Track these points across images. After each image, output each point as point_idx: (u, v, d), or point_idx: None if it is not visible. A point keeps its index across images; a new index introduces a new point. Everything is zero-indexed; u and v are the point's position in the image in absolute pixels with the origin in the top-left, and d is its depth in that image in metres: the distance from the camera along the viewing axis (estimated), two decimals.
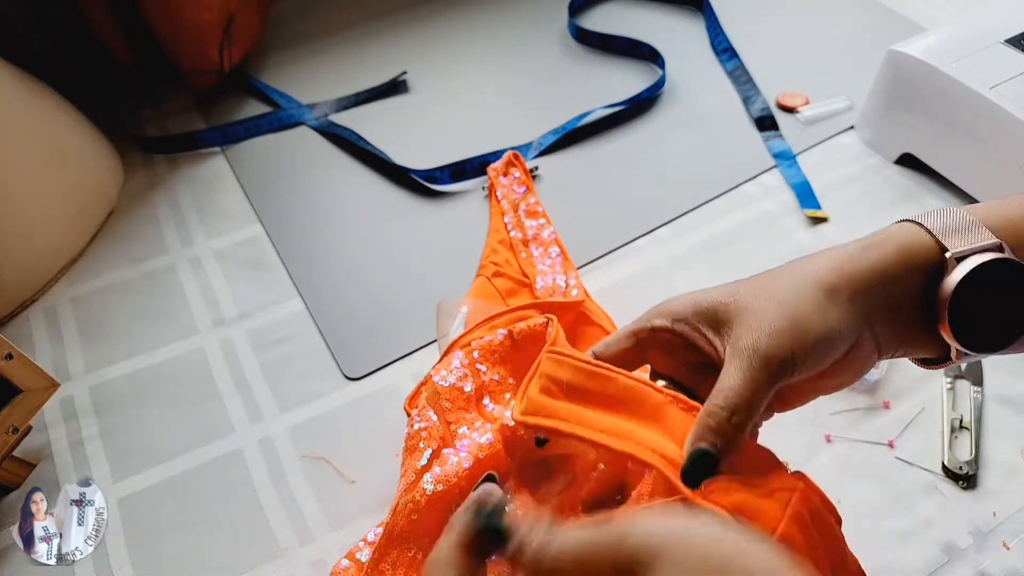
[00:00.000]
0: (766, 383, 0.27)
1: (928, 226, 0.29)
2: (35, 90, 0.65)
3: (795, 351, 0.27)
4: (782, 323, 0.27)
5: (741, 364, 0.27)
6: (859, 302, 0.28)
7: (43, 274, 0.64)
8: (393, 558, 0.43)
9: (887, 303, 0.29)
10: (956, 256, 0.28)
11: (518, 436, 0.46)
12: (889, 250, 0.29)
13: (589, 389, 0.31)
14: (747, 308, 0.28)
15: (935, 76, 0.64)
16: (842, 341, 0.28)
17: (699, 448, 0.27)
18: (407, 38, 0.89)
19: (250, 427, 0.55)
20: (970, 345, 0.28)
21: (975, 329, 0.28)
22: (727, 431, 0.26)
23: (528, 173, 0.70)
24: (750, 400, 0.27)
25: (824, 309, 0.28)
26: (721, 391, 0.27)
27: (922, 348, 0.30)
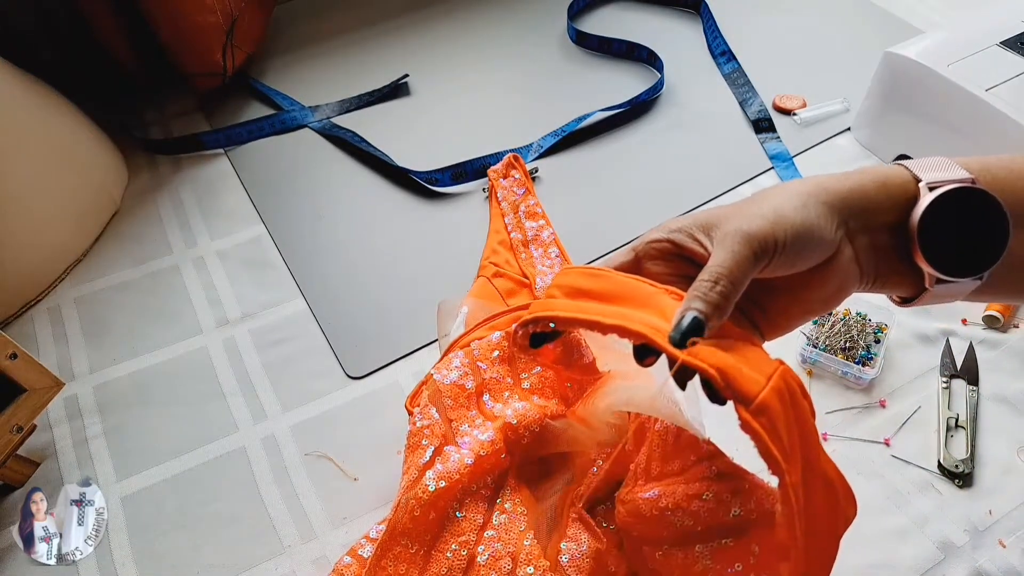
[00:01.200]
0: (748, 256, 0.29)
1: (907, 165, 0.31)
2: (40, 92, 0.65)
3: (776, 232, 0.29)
4: (764, 210, 0.29)
5: (726, 244, 0.29)
6: (838, 210, 0.30)
7: (47, 274, 0.64)
8: (395, 554, 0.43)
9: (865, 220, 0.30)
10: (929, 185, 0.30)
11: (519, 434, 0.46)
12: (868, 177, 0.31)
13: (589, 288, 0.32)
14: (736, 210, 0.31)
15: (931, 78, 0.65)
16: (821, 238, 0.29)
17: (686, 311, 0.29)
18: (409, 41, 0.90)
19: (253, 426, 0.55)
20: (942, 268, 0.30)
21: (947, 256, 0.30)
22: (711, 298, 0.28)
23: (528, 175, 0.71)
24: (733, 270, 0.28)
25: (804, 206, 0.29)
26: (707, 268, 0.29)
27: (900, 280, 0.32)
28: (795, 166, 0.73)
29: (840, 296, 0.32)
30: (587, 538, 0.43)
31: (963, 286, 0.31)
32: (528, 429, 0.46)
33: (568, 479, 0.47)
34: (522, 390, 0.49)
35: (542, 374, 0.50)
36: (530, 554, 0.43)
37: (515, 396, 0.49)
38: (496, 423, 0.46)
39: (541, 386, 0.49)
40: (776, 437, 0.27)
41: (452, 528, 0.44)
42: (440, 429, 0.47)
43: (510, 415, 0.46)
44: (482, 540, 0.44)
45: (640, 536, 0.41)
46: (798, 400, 0.29)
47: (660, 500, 0.38)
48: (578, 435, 0.46)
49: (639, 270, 0.33)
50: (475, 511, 0.45)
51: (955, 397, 0.54)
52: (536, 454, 0.47)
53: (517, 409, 0.47)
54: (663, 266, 0.33)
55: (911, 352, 0.57)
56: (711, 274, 0.29)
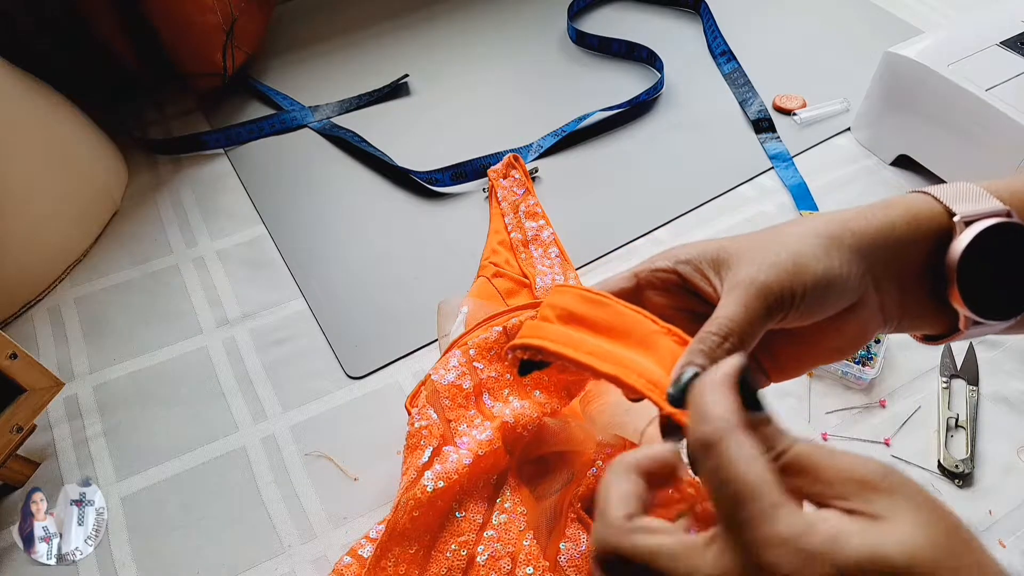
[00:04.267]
0: (762, 312, 0.26)
1: (936, 195, 0.28)
2: (40, 92, 0.65)
3: (794, 285, 0.26)
4: (783, 258, 0.27)
5: (738, 294, 0.27)
6: (864, 255, 0.27)
7: (47, 274, 0.64)
8: (395, 555, 0.43)
9: (893, 264, 0.28)
10: (965, 220, 0.27)
11: (517, 433, 0.46)
12: (896, 212, 0.28)
13: (584, 315, 0.30)
14: (749, 249, 0.28)
15: (931, 78, 0.65)
16: (844, 288, 0.27)
17: (688, 369, 0.26)
18: (409, 41, 0.90)
19: (253, 426, 0.55)
20: (979, 311, 0.27)
21: (984, 295, 0.27)
22: (719, 356, 0.26)
23: (528, 175, 0.71)
24: (743, 327, 0.26)
25: (827, 252, 0.27)
26: (716, 319, 0.26)
27: (928, 320, 0.29)
28: (795, 166, 0.73)
29: (859, 344, 0.29)
30: (586, 538, 0.43)
31: (997, 326, 0.28)
32: (526, 428, 0.46)
33: (567, 479, 0.47)
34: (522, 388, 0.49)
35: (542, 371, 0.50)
36: (529, 554, 0.43)
37: (514, 395, 0.49)
38: (495, 423, 0.46)
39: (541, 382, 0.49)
40: None
41: (451, 528, 0.44)
42: (439, 429, 0.47)
43: (508, 414, 0.46)
44: (481, 540, 0.44)
45: None
46: None
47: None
48: (576, 433, 0.46)
49: (640, 298, 0.31)
50: (474, 511, 0.45)
51: (955, 397, 0.54)
52: (535, 453, 0.47)
53: (515, 408, 0.47)
54: (665, 297, 0.30)
55: (911, 352, 0.57)
56: (720, 328, 0.26)
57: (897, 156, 0.71)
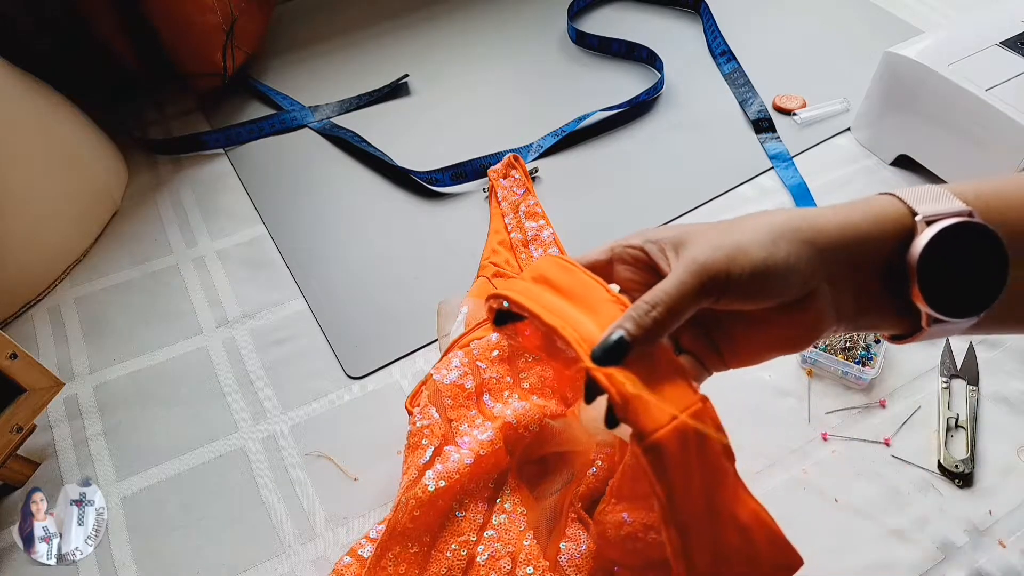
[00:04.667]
0: (695, 287, 0.28)
1: (900, 196, 0.29)
2: (39, 92, 0.65)
3: (731, 268, 0.28)
4: (726, 242, 0.28)
5: (677, 270, 0.28)
6: (820, 250, 0.28)
7: (47, 274, 0.64)
8: (395, 554, 0.43)
9: (851, 261, 0.29)
10: (927, 219, 0.28)
11: (519, 434, 0.46)
12: (859, 211, 0.29)
13: (552, 278, 0.32)
14: (704, 233, 0.30)
15: (931, 78, 0.65)
16: (787, 278, 0.28)
17: (616, 331, 0.28)
18: (409, 41, 0.90)
19: (253, 426, 0.55)
20: (940, 309, 0.28)
21: (945, 294, 0.28)
22: (644, 322, 0.28)
23: (528, 175, 0.71)
24: (673, 298, 0.28)
25: (773, 242, 0.28)
26: (652, 290, 0.28)
27: (889, 320, 0.30)
28: (795, 166, 0.73)
29: (810, 337, 0.30)
30: (586, 538, 0.43)
31: (960, 324, 0.29)
32: (527, 428, 0.46)
33: (568, 479, 0.47)
34: (522, 390, 0.50)
35: (541, 374, 0.50)
36: (530, 554, 0.43)
37: (515, 396, 0.49)
38: (496, 423, 0.46)
39: (541, 386, 0.49)
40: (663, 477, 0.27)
41: (452, 528, 0.44)
42: (440, 429, 0.47)
43: (509, 415, 0.47)
44: (482, 540, 0.44)
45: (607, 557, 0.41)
46: (707, 441, 0.28)
47: (623, 527, 0.38)
48: (577, 434, 0.46)
49: (610, 271, 0.33)
50: (475, 511, 0.45)
51: (955, 397, 0.54)
52: (536, 453, 0.48)
53: (516, 409, 0.47)
54: (632, 272, 0.32)
55: (911, 352, 0.57)
56: (651, 297, 0.28)
57: (897, 156, 0.71)
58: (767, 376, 0.56)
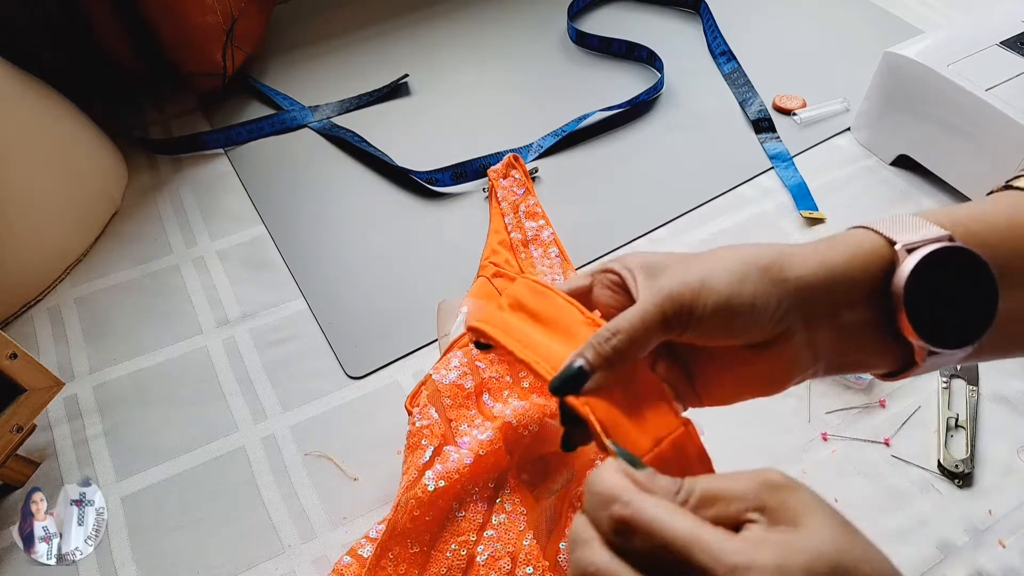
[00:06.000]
0: (656, 318, 0.27)
1: (876, 228, 0.28)
2: (40, 93, 0.65)
3: (695, 303, 0.27)
4: (693, 276, 0.27)
5: (642, 299, 0.28)
6: (793, 291, 0.27)
7: (47, 274, 0.64)
8: (395, 554, 0.43)
9: (829, 301, 0.28)
10: (907, 247, 0.27)
11: (519, 434, 0.46)
12: (836, 250, 0.28)
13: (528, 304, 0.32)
14: (677, 264, 0.29)
15: (931, 78, 0.65)
16: (752, 317, 0.27)
17: (572, 361, 0.27)
18: (409, 41, 0.90)
19: (253, 426, 0.55)
20: (933, 340, 0.27)
21: (936, 324, 0.27)
22: (603, 350, 0.27)
23: (528, 175, 0.71)
24: (635, 327, 0.27)
25: (740, 280, 0.27)
26: (615, 319, 0.28)
27: (878, 357, 0.29)
28: (795, 166, 0.73)
29: (784, 381, 0.29)
30: None
31: (955, 355, 0.27)
32: (527, 428, 0.46)
33: (568, 479, 0.47)
34: (521, 389, 0.50)
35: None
36: (529, 554, 0.43)
37: (515, 395, 0.49)
38: (496, 423, 0.46)
39: (540, 385, 0.49)
40: None
41: (452, 528, 0.44)
42: (440, 429, 0.47)
43: (509, 415, 0.47)
44: (482, 540, 0.44)
45: None
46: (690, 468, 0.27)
47: None
48: None
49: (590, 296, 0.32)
50: (475, 511, 0.45)
51: (955, 397, 0.54)
52: (536, 453, 0.48)
53: (516, 408, 0.47)
54: (610, 297, 0.31)
55: None
56: (614, 325, 0.27)
57: (897, 156, 0.71)
58: None
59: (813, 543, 0.21)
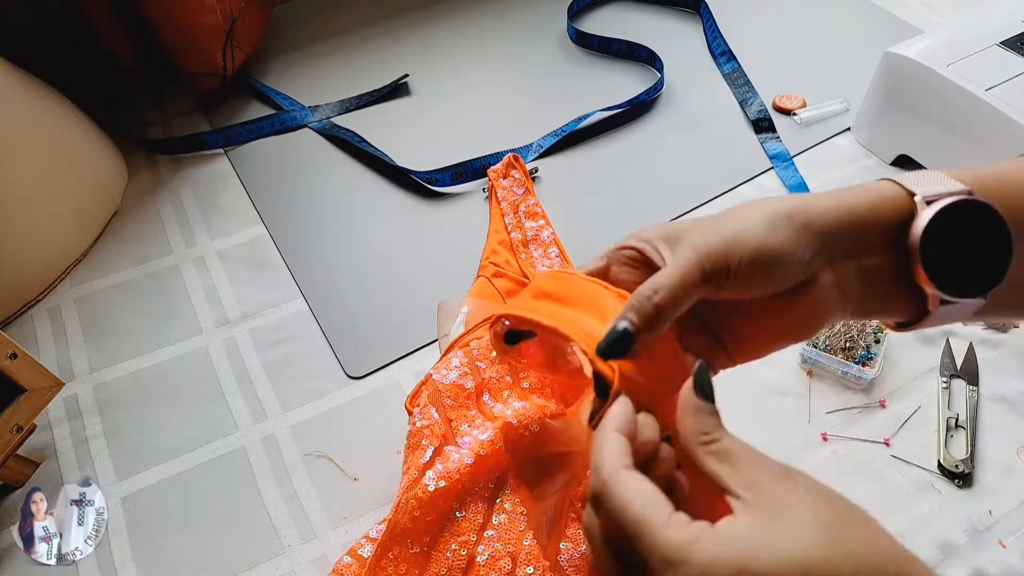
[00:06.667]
0: (696, 274, 0.27)
1: (898, 180, 0.29)
2: (40, 92, 0.65)
3: (731, 255, 0.27)
4: (724, 230, 0.28)
5: (676, 258, 0.28)
6: (818, 234, 0.28)
7: (47, 274, 0.64)
8: (395, 554, 0.43)
9: (852, 244, 0.29)
10: (926, 199, 0.28)
11: (519, 434, 0.46)
12: (856, 195, 0.29)
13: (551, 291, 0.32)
14: (700, 225, 0.29)
15: (931, 78, 0.65)
16: (788, 263, 0.28)
17: (617, 323, 0.27)
18: (409, 41, 0.90)
19: (253, 426, 0.55)
20: (947, 289, 0.28)
21: (950, 274, 0.28)
22: (647, 310, 0.27)
23: (528, 175, 0.71)
24: (675, 285, 0.27)
25: (771, 228, 0.28)
26: (651, 279, 0.28)
27: (895, 305, 0.30)
28: (795, 166, 0.73)
29: (816, 325, 0.30)
30: None
31: (967, 307, 0.28)
32: (528, 428, 0.46)
33: (568, 479, 0.47)
34: (521, 389, 0.50)
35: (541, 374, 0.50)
36: (530, 554, 0.43)
37: (515, 395, 0.49)
38: (496, 423, 0.46)
39: (540, 385, 0.49)
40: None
41: (452, 528, 0.44)
42: (440, 429, 0.47)
43: (510, 415, 0.47)
44: (482, 540, 0.44)
45: None
46: None
47: None
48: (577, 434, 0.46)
49: (607, 276, 0.33)
50: (475, 511, 0.45)
51: (955, 397, 0.54)
52: (536, 453, 0.48)
53: (517, 409, 0.47)
54: (629, 273, 0.32)
55: (911, 352, 0.57)
56: (652, 285, 0.27)
57: (897, 156, 0.71)
58: (767, 376, 0.56)
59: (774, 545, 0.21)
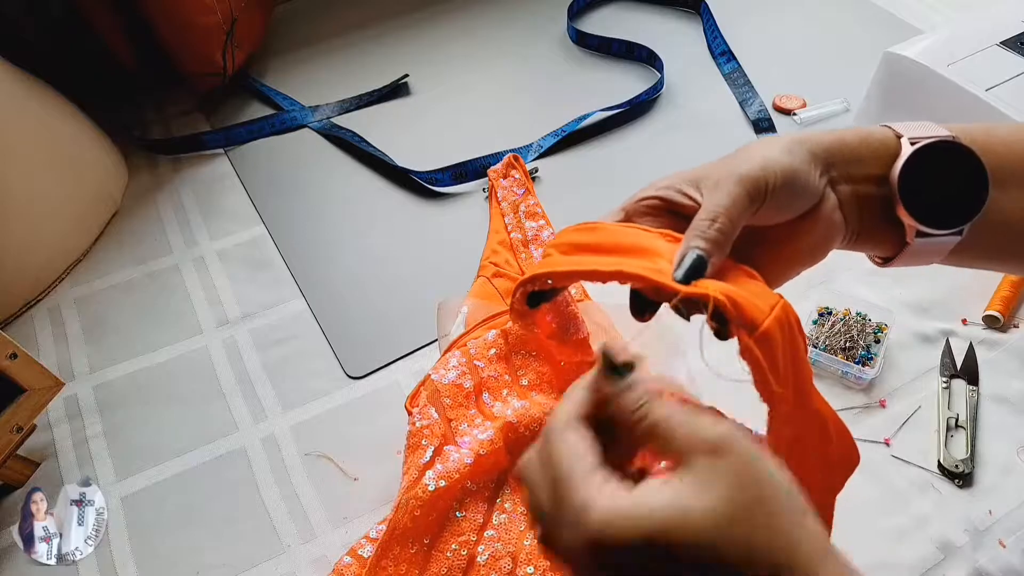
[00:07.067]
0: (744, 197, 0.29)
1: (889, 124, 0.32)
2: (39, 92, 0.65)
3: (767, 176, 0.30)
4: (754, 158, 0.30)
5: (720, 187, 0.30)
6: (821, 158, 0.31)
7: (48, 274, 0.64)
8: (396, 554, 0.43)
9: (848, 170, 0.31)
10: (911, 140, 0.31)
11: (520, 433, 0.46)
12: (848, 132, 0.32)
13: (585, 243, 0.33)
14: (722, 163, 0.32)
15: (931, 78, 0.65)
16: (807, 182, 0.30)
17: (687, 250, 0.29)
18: (409, 41, 0.90)
19: (253, 426, 0.55)
20: (925, 221, 0.30)
21: (929, 210, 0.31)
22: (711, 235, 0.29)
23: (528, 175, 0.71)
24: (729, 208, 0.29)
25: (789, 152, 0.30)
26: (704, 207, 0.30)
27: (880, 237, 0.32)
28: None
29: (824, 248, 0.32)
30: None
31: (943, 242, 0.31)
32: (529, 428, 0.46)
33: None
34: (520, 387, 0.50)
35: (539, 370, 0.50)
36: (530, 554, 0.43)
37: (514, 394, 0.49)
38: (496, 423, 0.46)
39: (539, 382, 0.49)
40: (775, 367, 0.28)
41: (452, 528, 0.44)
42: (439, 429, 0.47)
43: (510, 415, 0.47)
44: (482, 540, 0.44)
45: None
46: (795, 334, 0.29)
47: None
48: None
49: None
50: (475, 511, 0.45)
51: (955, 397, 0.54)
52: None
53: (517, 408, 0.47)
54: (652, 222, 0.33)
55: (911, 352, 0.57)
56: (709, 213, 0.29)
57: None
58: None
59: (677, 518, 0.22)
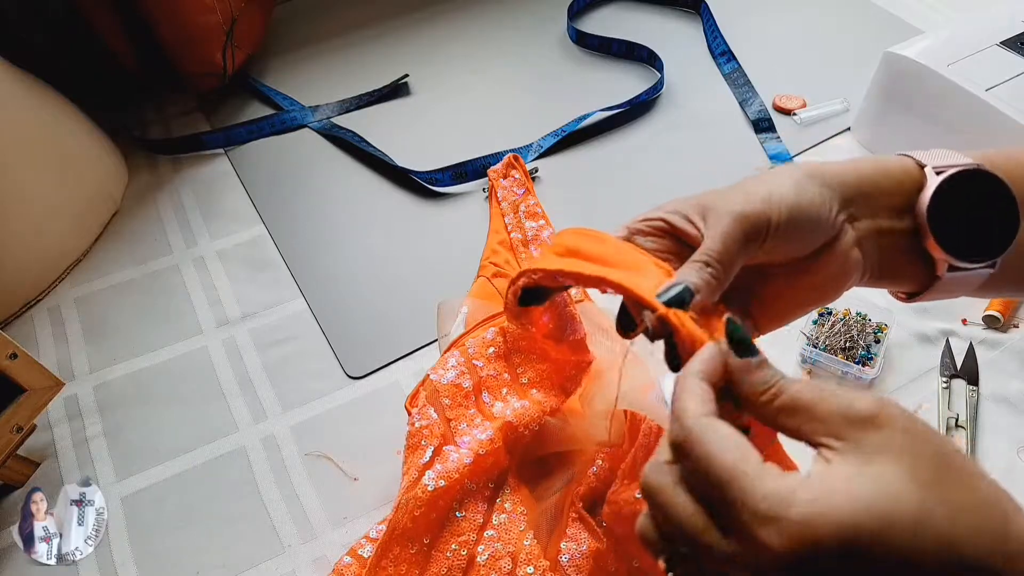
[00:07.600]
0: (739, 237, 0.28)
1: (909, 153, 0.31)
2: (39, 93, 0.65)
3: (769, 212, 0.28)
4: (759, 192, 0.29)
5: (717, 225, 0.29)
6: (838, 191, 0.29)
7: (47, 274, 0.64)
8: (395, 554, 0.43)
9: (868, 205, 0.30)
10: (936, 169, 0.30)
11: (519, 433, 0.46)
12: (866, 162, 0.31)
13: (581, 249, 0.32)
14: (729, 192, 0.30)
15: (931, 78, 0.65)
16: (818, 217, 0.29)
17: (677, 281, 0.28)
18: (409, 41, 0.90)
19: (253, 426, 0.55)
20: (955, 253, 0.29)
21: (959, 241, 0.29)
22: (704, 277, 0.28)
23: (528, 175, 0.71)
24: (723, 251, 0.28)
25: (800, 185, 0.29)
26: (701, 248, 0.29)
27: (907, 273, 0.31)
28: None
29: (839, 285, 0.31)
30: (587, 538, 0.43)
31: (976, 275, 0.30)
32: (528, 428, 0.46)
33: (568, 478, 0.47)
34: (520, 385, 0.50)
35: (539, 368, 0.50)
36: (530, 554, 0.43)
37: (514, 392, 0.49)
38: (496, 423, 0.46)
39: (539, 379, 0.49)
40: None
41: (452, 528, 0.44)
42: (439, 429, 0.47)
43: (509, 414, 0.47)
44: (482, 540, 0.44)
45: (623, 535, 0.41)
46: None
47: (638, 502, 0.38)
48: (576, 433, 0.46)
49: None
50: (475, 511, 0.45)
51: (955, 397, 0.54)
52: (536, 453, 0.48)
53: (516, 408, 0.47)
54: (654, 243, 0.33)
55: (911, 352, 0.57)
56: (702, 255, 0.29)
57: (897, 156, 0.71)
58: None
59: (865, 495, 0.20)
